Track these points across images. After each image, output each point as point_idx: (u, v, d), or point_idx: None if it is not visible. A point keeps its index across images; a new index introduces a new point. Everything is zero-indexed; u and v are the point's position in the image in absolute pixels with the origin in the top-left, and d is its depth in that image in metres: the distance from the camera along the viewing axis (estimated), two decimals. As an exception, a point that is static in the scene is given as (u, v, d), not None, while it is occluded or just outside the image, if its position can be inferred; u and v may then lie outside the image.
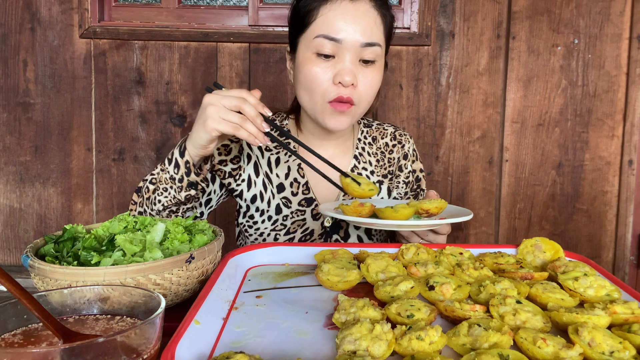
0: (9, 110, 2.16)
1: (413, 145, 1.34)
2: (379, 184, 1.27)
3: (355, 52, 1.05)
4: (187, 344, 0.55)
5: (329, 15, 1.05)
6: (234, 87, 2.12)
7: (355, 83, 1.06)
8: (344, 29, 1.04)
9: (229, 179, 1.22)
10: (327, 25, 1.05)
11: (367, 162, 1.27)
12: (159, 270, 0.71)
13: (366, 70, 1.08)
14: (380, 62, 1.10)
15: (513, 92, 2.10)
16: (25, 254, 0.74)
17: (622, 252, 2.16)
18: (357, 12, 1.04)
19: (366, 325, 0.57)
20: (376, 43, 1.06)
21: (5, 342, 0.52)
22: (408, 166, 1.30)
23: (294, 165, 1.23)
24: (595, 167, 2.12)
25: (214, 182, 1.21)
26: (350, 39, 1.04)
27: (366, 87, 1.08)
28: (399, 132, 1.33)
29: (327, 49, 1.05)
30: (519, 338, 0.57)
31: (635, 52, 2.05)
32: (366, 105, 1.13)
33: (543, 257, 0.88)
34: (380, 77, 1.11)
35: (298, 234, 1.21)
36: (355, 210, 0.94)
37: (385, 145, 1.30)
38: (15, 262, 2.25)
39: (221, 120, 0.93)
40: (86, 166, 2.19)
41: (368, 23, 1.05)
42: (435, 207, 0.96)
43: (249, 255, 0.88)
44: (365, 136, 1.30)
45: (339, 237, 1.22)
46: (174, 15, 2.14)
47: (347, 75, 1.04)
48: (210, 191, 1.20)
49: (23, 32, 2.12)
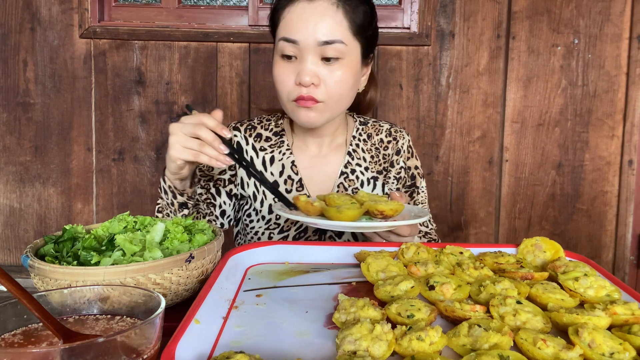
0: (9, 110, 2.16)
1: (409, 142, 1.33)
2: (373, 180, 1.26)
3: (314, 51, 1.07)
4: (187, 343, 0.55)
5: (288, 18, 1.08)
6: (234, 87, 2.12)
7: (317, 82, 1.08)
8: (301, 29, 1.06)
9: (229, 185, 1.24)
10: (286, 28, 1.08)
11: (361, 158, 1.27)
12: (158, 269, 0.71)
13: (330, 68, 1.08)
14: (348, 59, 1.10)
15: (513, 92, 2.10)
16: (25, 254, 0.74)
17: (622, 252, 2.16)
18: (315, 11, 1.06)
19: (366, 325, 0.57)
20: (336, 40, 1.06)
21: (5, 342, 0.52)
22: (400, 162, 1.29)
23: (287, 162, 1.24)
24: (595, 167, 2.12)
25: (220, 194, 1.23)
26: (307, 39, 1.06)
27: (332, 85, 1.09)
28: (395, 129, 1.32)
29: (288, 51, 1.08)
30: (519, 339, 0.57)
31: (635, 52, 2.05)
32: (340, 101, 1.13)
33: (543, 256, 0.88)
34: (349, 73, 1.11)
35: (292, 231, 1.23)
36: (305, 208, 0.93)
37: (380, 142, 1.30)
38: (15, 262, 2.25)
39: (182, 149, 0.97)
40: (86, 166, 2.19)
41: (326, 21, 1.06)
42: (390, 209, 0.93)
43: (248, 254, 0.88)
44: (361, 133, 1.30)
45: (333, 234, 1.23)
46: (174, 15, 2.14)
47: (306, 76, 1.06)
48: (219, 203, 1.23)
49: (23, 32, 2.12)
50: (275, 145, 1.26)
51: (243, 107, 2.14)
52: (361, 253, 0.88)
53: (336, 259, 0.91)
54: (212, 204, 1.22)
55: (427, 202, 1.34)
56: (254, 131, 1.28)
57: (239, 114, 2.14)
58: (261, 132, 1.28)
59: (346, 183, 1.24)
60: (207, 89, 2.14)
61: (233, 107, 2.14)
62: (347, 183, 1.24)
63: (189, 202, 1.09)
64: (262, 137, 1.27)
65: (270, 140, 1.27)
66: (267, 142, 1.26)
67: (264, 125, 1.29)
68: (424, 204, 1.32)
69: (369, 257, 0.81)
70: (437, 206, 2.17)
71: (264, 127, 1.29)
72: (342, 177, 1.24)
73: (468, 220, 2.18)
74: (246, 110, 2.14)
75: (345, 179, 1.24)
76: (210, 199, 1.22)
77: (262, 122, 1.30)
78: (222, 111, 1.00)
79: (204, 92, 2.14)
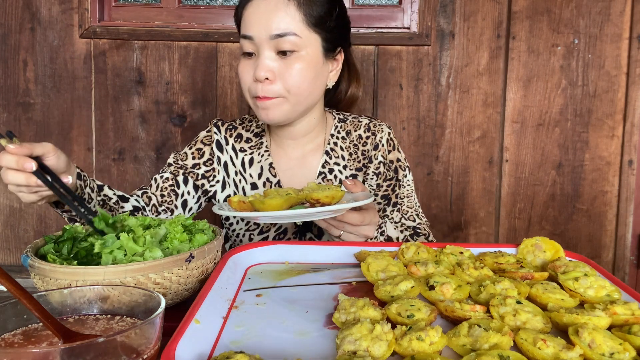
0: (9, 110, 2.16)
1: (389, 135, 1.28)
2: (352, 178, 1.24)
3: (269, 45, 1.08)
4: (187, 343, 0.55)
5: (245, 15, 1.11)
6: (234, 87, 2.12)
7: (272, 77, 1.08)
8: (254, 25, 1.08)
9: (202, 180, 1.24)
10: (244, 25, 1.11)
11: (339, 157, 1.25)
12: (158, 269, 0.71)
13: (287, 61, 1.09)
14: (305, 52, 1.09)
15: (513, 92, 2.10)
16: (25, 254, 0.74)
17: (622, 252, 2.16)
18: (268, 6, 1.07)
19: (366, 325, 0.57)
20: (289, 32, 1.07)
21: (5, 342, 0.52)
22: (379, 157, 1.26)
23: (266, 164, 1.24)
24: (595, 167, 2.12)
25: (187, 183, 1.23)
26: (260, 34, 1.07)
27: (289, 78, 1.09)
28: (374, 123, 1.29)
29: (247, 48, 1.11)
30: (519, 339, 0.57)
31: (635, 52, 2.05)
32: (300, 95, 1.11)
33: (543, 256, 0.88)
34: (307, 66, 1.10)
35: (272, 232, 1.24)
36: (240, 207, 0.91)
37: (358, 138, 1.27)
38: (15, 262, 2.25)
39: (24, 195, 0.91)
40: (86, 166, 2.19)
41: (279, 15, 1.07)
42: (325, 196, 0.89)
43: (248, 254, 0.88)
44: (339, 131, 1.28)
45: (312, 235, 1.24)
46: (174, 15, 2.14)
47: (260, 70, 1.07)
48: (182, 192, 1.22)
49: (23, 32, 2.12)
50: (255, 146, 1.26)
51: (243, 107, 2.14)
52: (361, 253, 0.88)
53: (336, 259, 0.91)
54: (174, 191, 1.21)
55: (413, 196, 1.30)
56: (235, 131, 1.28)
57: (239, 114, 2.14)
58: (242, 133, 1.28)
59: (324, 183, 1.23)
60: (207, 89, 2.14)
61: (233, 107, 2.14)
62: (326, 183, 1.22)
63: (105, 193, 1.07)
64: (243, 137, 1.27)
65: (250, 141, 1.27)
66: (248, 143, 1.26)
67: (246, 126, 1.29)
68: (410, 197, 1.28)
69: (369, 257, 0.81)
70: (437, 206, 2.17)
71: (245, 128, 1.29)
72: (320, 177, 1.23)
73: (468, 220, 2.18)
74: (246, 111, 2.14)
75: (323, 179, 1.23)
76: (174, 186, 1.21)
77: (244, 123, 1.30)
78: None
79: (204, 92, 2.14)
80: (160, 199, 1.20)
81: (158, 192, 1.20)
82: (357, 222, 0.98)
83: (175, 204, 1.21)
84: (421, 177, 2.15)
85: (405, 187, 1.28)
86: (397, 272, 0.79)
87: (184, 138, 2.17)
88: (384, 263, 0.80)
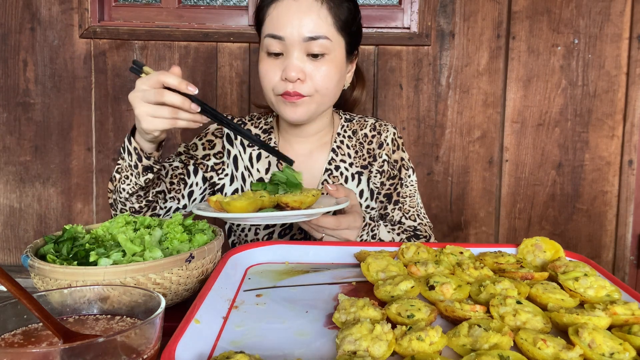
0: (9, 110, 2.16)
1: (394, 135, 1.31)
2: (357, 175, 1.27)
3: (300, 47, 1.08)
4: (187, 343, 0.55)
5: (273, 15, 1.09)
6: (234, 87, 2.12)
7: (303, 77, 1.09)
8: (286, 26, 1.07)
9: (211, 172, 1.25)
10: (272, 25, 1.09)
11: (345, 154, 1.27)
12: (158, 269, 0.71)
13: (316, 64, 1.10)
14: (333, 55, 1.11)
15: (513, 92, 2.10)
16: (25, 254, 0.74)
17: (622, 252, 2.16)
18: (300, 7, 1.07)
19: (366, 325, 0.57)
20: (321, 36, 1.08)
21: (5, 342, 0.52)
22: (383, 155, 1.28)
23: (273, 160, 1.25)
24: (595, 167, 2.12)
25: (197, 174, 1.22)
26: (292, 35, 1.07)
27: (319, 80, 1.10)
28: (379, 123, 1.32)
29: (274, 48, 1.10)
30: (519, 339, 0.57)
31: (635, 52, 2.05)
32: (326, 96, 1.14)
33: (543, 256, 0.88)
34: (335, 69, 1.12)
35: (277, 227, 1.24)
36: (217, 207, 0.92)
37: (364, 136, 1.30)
38: (15, 262, 2.25)
39: (154, 120, 0.92)
40: (86, 166, 2.19)
41: (311, 17, 1.07)
42: (294, 200, 0.91)
43: (248, 254, 0.88)
44: (345, 130, 1.30)
45: None
46: (174, 15, 2.14)
47: (292, 71, 1.07)
48: (191, 182, 1.22)
49: (23, 32, 2.12)
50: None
51: (243, 107, 2.14)
52: (361, 253, 0.88)
53: (336, 259, 0.91)
54: (184, 180, 1.20)
55: (416, 196, 1.31)
56: (244, 127, 1.29)
57: (239, 114, 2.14)
58: (250, 129, 1.30)
59: (330, 179, 1.24)
60: (207, 89, 2.14)
61: (233, 107, 2.14)
62: (332, 179, 1.25)
63: (155, 166, 1.06)
64: (251, 133, 1.28)
65: (258, 137, 1.28)
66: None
67: (254, 123, 1.31)
68: (412, 197, 1.30)
69: (369, 257, 0.81)
70: (437, 206, 2.17)
71: (254, 125, 1.31)
72: (326, 174, 1.25)
73: (468, 220, 2.18)
74: (246, 111, 2.14)
75: (329, 176, 1.25)
76: (184, 175, 1.21)
77: (253, 120, 1.32)
78: (179, 67, 0.94)
79: (204, 92, 2.14)
80: (170, 186, 1.18)
81: (167, 179, 1.19)
82: (332, 226, 1.00)
83: (182, 193, 1.20)
84: (421, 177, 2.15)
85: (407, 186, 1.30)
86: (397, 272, 0.79)
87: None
88: (384, 263, 0.80)
